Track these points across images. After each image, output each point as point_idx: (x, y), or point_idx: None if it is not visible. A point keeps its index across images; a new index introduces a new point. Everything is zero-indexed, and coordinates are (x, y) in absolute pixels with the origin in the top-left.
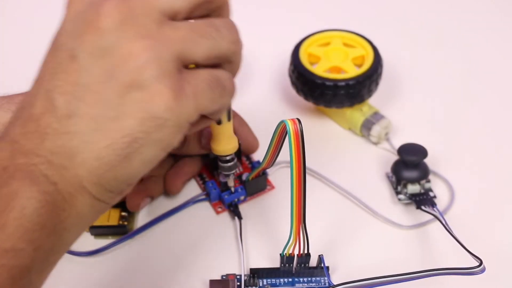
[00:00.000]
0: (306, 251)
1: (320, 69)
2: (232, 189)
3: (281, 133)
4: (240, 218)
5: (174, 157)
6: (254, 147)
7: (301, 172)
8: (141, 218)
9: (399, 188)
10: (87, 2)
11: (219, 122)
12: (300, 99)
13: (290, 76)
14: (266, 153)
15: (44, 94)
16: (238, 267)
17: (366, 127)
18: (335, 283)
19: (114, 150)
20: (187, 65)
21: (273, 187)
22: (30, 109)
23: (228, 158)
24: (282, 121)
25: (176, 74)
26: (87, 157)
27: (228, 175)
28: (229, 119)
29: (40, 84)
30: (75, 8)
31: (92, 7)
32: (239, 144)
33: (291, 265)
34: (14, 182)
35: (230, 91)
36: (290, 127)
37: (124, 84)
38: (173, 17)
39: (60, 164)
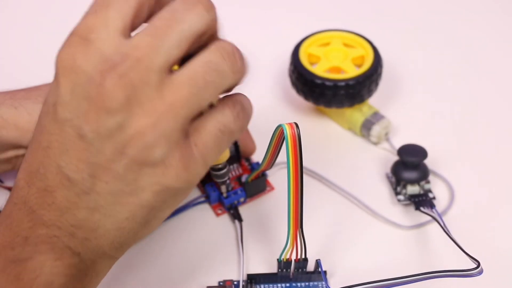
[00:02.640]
0: (303, 256)
1: (320, 69)
2: (225, 195)
3: (278, 137)
4: (240, 220)
5: None
6: (251, 150)
7: (298, 177)
8: None
9: (398, 188)
10: (83, 73)
11: None
12: (300, 99)
13: (290, 76)
14: (265, 156)
15: (56, 168)
16: (237, 271)
17: (366, 127)
18: None
19: (134, 219)
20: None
21: (272, 188)
22: (44, 180)
23: (219, 166)
24: (279, 125)
25: (184, 141)
26: (109, 228)
27: (222, 183)
28: None
29: (47, 155)
30: (71, 78)
31: (92, 82)
32: (238, 146)
33: (289, 270)
34: (39, 256)
35: (239, 132)
36: (288, 131)
37: (136, 162)
38: (171, 67)
39: (83, 237)
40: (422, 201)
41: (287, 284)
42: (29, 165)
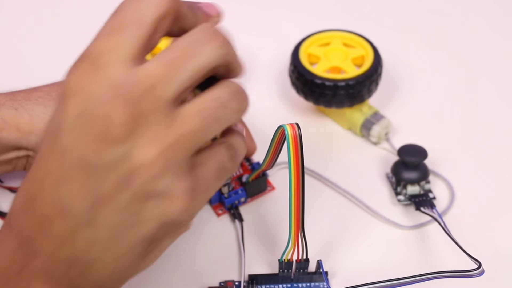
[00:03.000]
0: (304, 257)
1: (320, 69)
2: (226, 195)
3: (279, 138)
4: (241, 220)
5: None
6: (252, 150)
7: (300, 177)
8: None
9: (398, 189)
10: (91, 99)
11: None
12: (300, 99)
13: (290, 76)
14: (265, 156)
15: (55, 197)
16: (238, 272)
17: (366, 127)
18: None
19: (135, 252)
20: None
21: (273, 188)
22: (41, 209)
23: None
24: (280, 126)
25: (190, 173)
26: (108, 262)
27: (223, 185)
28: None
29: (45, 183)
30: (78, 103)
31: (98, 108)
32: None
33: (290, 271)
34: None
35: (232, 172)
36: (289, 132)
37: (141, 193)
38: (181, 98)
39: (81, 269)
40: (422, 201)
41: (289, 285)
42: (26, 192)
